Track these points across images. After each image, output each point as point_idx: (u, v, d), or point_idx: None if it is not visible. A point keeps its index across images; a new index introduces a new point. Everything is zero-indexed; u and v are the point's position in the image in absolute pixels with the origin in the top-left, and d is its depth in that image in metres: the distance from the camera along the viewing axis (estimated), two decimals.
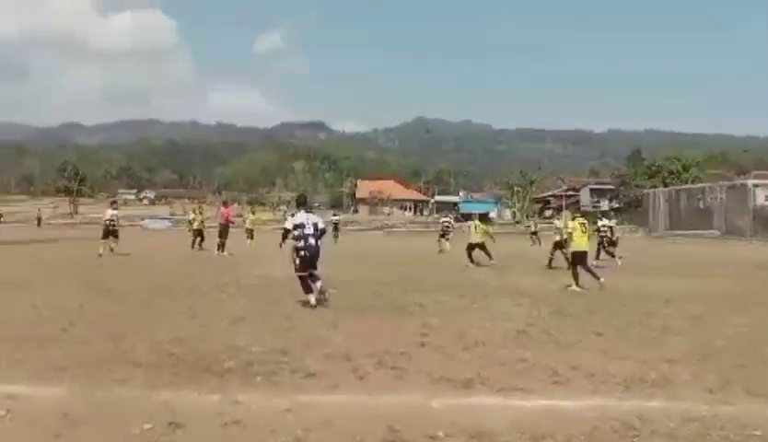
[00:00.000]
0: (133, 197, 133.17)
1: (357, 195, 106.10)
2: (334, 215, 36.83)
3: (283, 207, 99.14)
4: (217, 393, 4.92)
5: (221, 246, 21.70)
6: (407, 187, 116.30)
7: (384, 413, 4.56)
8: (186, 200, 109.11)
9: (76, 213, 69.54)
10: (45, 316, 8.25)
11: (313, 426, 4.23)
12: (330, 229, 16.44)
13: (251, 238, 28.79)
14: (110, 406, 4.59)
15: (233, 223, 23.97)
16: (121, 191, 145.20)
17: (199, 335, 7.21)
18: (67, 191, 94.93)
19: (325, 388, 5.21)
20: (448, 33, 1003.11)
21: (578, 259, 13.06)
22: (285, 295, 10.79)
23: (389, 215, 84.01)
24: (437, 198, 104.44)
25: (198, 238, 23.77)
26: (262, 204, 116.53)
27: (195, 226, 24.76)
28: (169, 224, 58.68)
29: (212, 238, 23.46)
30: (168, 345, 6.59)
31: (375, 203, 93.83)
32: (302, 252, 9.81)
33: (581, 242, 13.11)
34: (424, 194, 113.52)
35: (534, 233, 35.68)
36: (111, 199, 25.67)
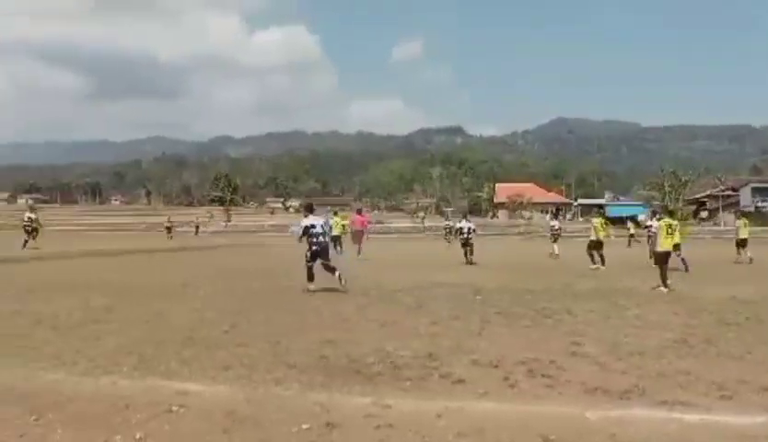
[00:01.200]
0: (279, 205, 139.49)
1: (496, 200, 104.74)
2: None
3: (420, 213, 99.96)
4: (369, 396, 5.01)
5: (358, 251, 23.40)
6: (548, 190, 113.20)
7: (537, 424, 4.44)
8: (328, 208, 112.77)
9: (230, 221, 73.95)
10: (208, 319, 8.81)
11: (465, 433, 4.20)
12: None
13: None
14: (270, 405, 4.80)
15: (367, 229, 25.49)
16: (268, 199, 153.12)
17: (348, 339, 7.40)
18: (221, 201, 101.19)
19: (475, 394, 5.15)
20: (589, 28, 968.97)
21: (660, 259, 13.19)
22: (430, 300, 10.87)
23: (528, 219, 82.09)
24: (581, 201, 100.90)
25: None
26: (401, 210, 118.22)
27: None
28: None
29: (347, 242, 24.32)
30: (319, 348, 6.82)
31: (514, 207, 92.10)
32: (314, 247, 12.36)
33: (665, 243, 13.31)
34: (566, 197, 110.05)
35: (632, 235, 36.06)
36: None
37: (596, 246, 19.20)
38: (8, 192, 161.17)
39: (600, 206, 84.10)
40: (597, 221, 19.83)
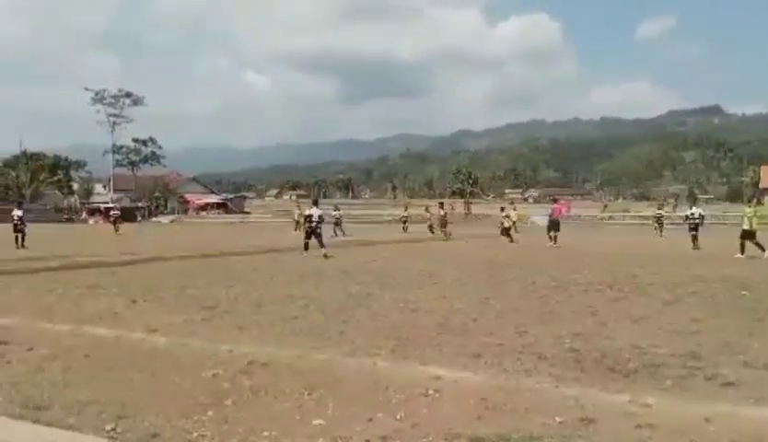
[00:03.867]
0: (518, 196, 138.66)
1: (761, 185, 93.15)
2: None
3: (671, 200, 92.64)
4: (626, 394, 4.79)
5: (554, 239, 23.85)
6: None
7: None
8: (569, 198, 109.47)
9: (470, 213, 75.08)
10: (456, 307, 9.08)
11: (740, 440, 3.83)
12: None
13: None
14: (522, 395, 4.81)
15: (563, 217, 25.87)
16: (507, 191, 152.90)
17: (599, 332, 7.14)
18: (461, 193, 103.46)
19: (749, 399, 4.66)
20: None
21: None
22: (688, 295, 10.08)
23: None
24: None
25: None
26: (647, 199, 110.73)
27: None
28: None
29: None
30: (569, 340, 6.67)
31: None
32: (308, 229, 19.08)
33: None
34: None
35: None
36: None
37: (748, 236, 17.55)
38: (276, 189, 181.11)
39: None
40: (753, 210, 17.45)
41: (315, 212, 19.69)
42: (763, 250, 17.49)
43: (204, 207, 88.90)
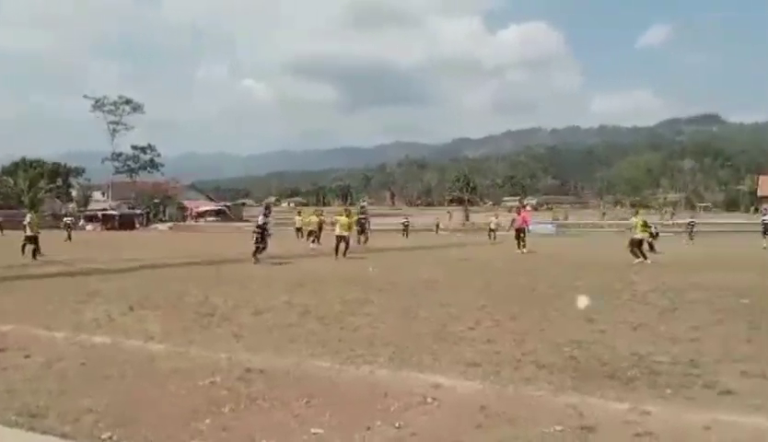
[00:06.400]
0: (516, 204, 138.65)
1: (759, 193, 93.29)
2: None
3: (668, 208, 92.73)
4: (625, 402, 4.77)
5: (522, 245, 24.39)
6: None
7: None
8: (567, 205, 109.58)
9: (468, 220, 75.17)
10: (455, 314, 9.05)
11: None
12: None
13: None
14: (521, 403, 4.80)
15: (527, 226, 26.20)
16: (505, 198, 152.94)
17: (598, 340, 7.12)
18: (459, 201, 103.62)
19: (748, 408, 4.64)
20: None
21: None
22: (687, 303, 10.09)
23: None
24: None
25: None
26: (647, 207, 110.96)
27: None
28: (552, 228, 59.59)
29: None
30: (567, 348, 6.66)
31: None
32: (257, 237, 18.74)
33: None
34: None
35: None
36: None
37: None
38: (275, 196, 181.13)
39: None
40: None
41: (263, 219, 19.37)
42: (645, 258, 18.61)
43: (203, 214, 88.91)
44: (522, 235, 24.93)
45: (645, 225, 19.93)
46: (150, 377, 5.61)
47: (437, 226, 59.44)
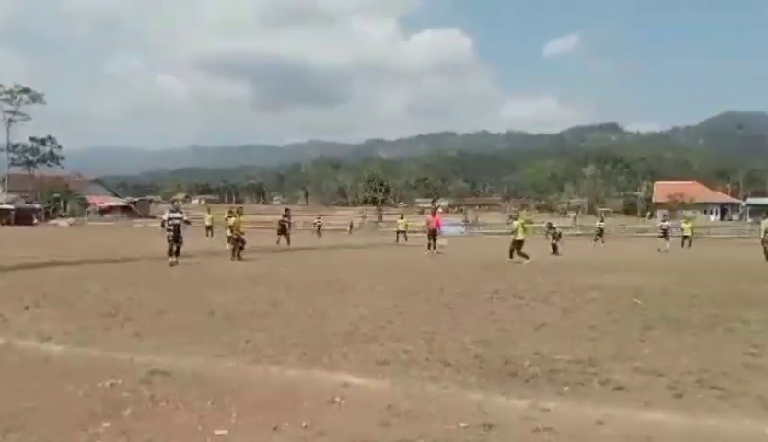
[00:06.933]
0: (428, 205, 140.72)
1: (654, 199, 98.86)
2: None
3: (572, 213, 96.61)
4: (526, 399, 4.95)
5: (433, 246, 25.39)
6: (713, 189, 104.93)
7: (710, 436, 4.19)
8: (477, 207, 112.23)
9: (381, 220, 75.71)
10: (365, 314, 9.09)
11: None
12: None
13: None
14: (427, 401, 4.89)
15: (439, 228, 27.34)
16: (417, 200, 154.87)
17: (503, 339, 7.34)
18: (373, 202, 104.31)
19: (639, 403, 4.92)
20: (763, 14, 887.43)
21: None
22: (587, 303, 10.53)
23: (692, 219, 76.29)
24: (750, 200, 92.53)
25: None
26: (550, 210, 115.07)
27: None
28: (463, 229, 61.02)
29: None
30: (473, 347, 6.83)
31: (675, 207, 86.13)
32: (169, 234, 17.81)
33: None
34: (735, 196, 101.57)
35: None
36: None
37: None
38: (184, 193, 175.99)
39: None
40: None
41: (175, 215, 18.60)
42: (527, 257, 19.70)
43: (108, 210, 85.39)
44: (434, 237, 25.42)
45: (524, 228, 20.89)
46: (46, 379, 5.35)
47: (351, 226, 59.68)
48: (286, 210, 32.61)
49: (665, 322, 8.70)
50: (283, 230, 29.82)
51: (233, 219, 21.72)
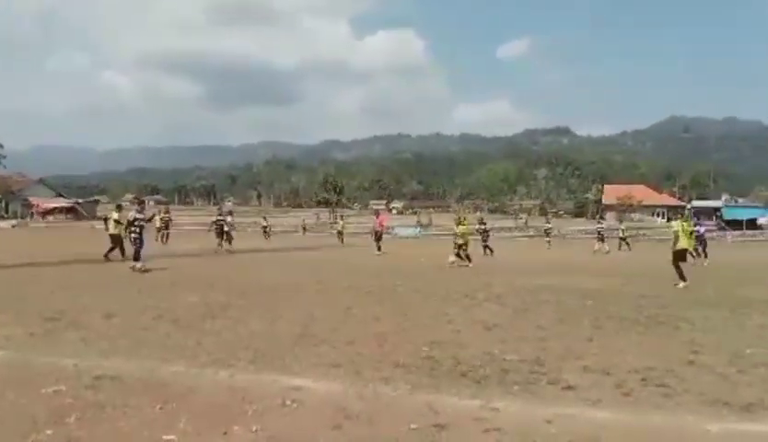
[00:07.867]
0: (383, 207, 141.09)
1: (604, 201, 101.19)
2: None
3: (523, 215, 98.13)
4: (477, 399, 5.00)
5: (378, 247, 26.32)
6: (659, 192, 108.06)
7: (654, 434, 4.30)
8: (431, 209, 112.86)
9: (335, 222, 75.48)
10: (318, 316, 9.03)
11: (578, 440, 4.12)
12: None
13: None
14: (379, 403, 4.89)
15: (384, 229, 28.48)
16: (372, 201, 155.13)
17: (454, 340, 7.39)
18: (327, 203, 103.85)
19: (587, 402, 5.02)
20: (708, 25, 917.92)
21: None
22: (537, 304, 10.69)
23: (638, 221, 78.52)
24: (695, 203, 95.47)
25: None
26: (503, 212, 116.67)
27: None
28: (418, 231, 61.29)
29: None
30: (426, 348, 6.86)
31: (623, 209, 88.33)
32: (134, 235, 16.28)
33: None
34: (680, 199, 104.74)
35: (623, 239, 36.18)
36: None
37: (685, 254, 15.77)
38: (133, 194, 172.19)
39: (716, 209, 79.63)
40: (680, 225, 15.55)
41: (140, 216, 17.22)
42: (470, 260, 20.27)
43: (51, 211, 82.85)
44: (380, 237, 25.63)
45: (464, 233, 21.17)
46: None
47: (304, 227, 59.33)
48: (219, 208, 29.83)
49: (613, 322, 8.91)
50: (221, 232, 26.31)
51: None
